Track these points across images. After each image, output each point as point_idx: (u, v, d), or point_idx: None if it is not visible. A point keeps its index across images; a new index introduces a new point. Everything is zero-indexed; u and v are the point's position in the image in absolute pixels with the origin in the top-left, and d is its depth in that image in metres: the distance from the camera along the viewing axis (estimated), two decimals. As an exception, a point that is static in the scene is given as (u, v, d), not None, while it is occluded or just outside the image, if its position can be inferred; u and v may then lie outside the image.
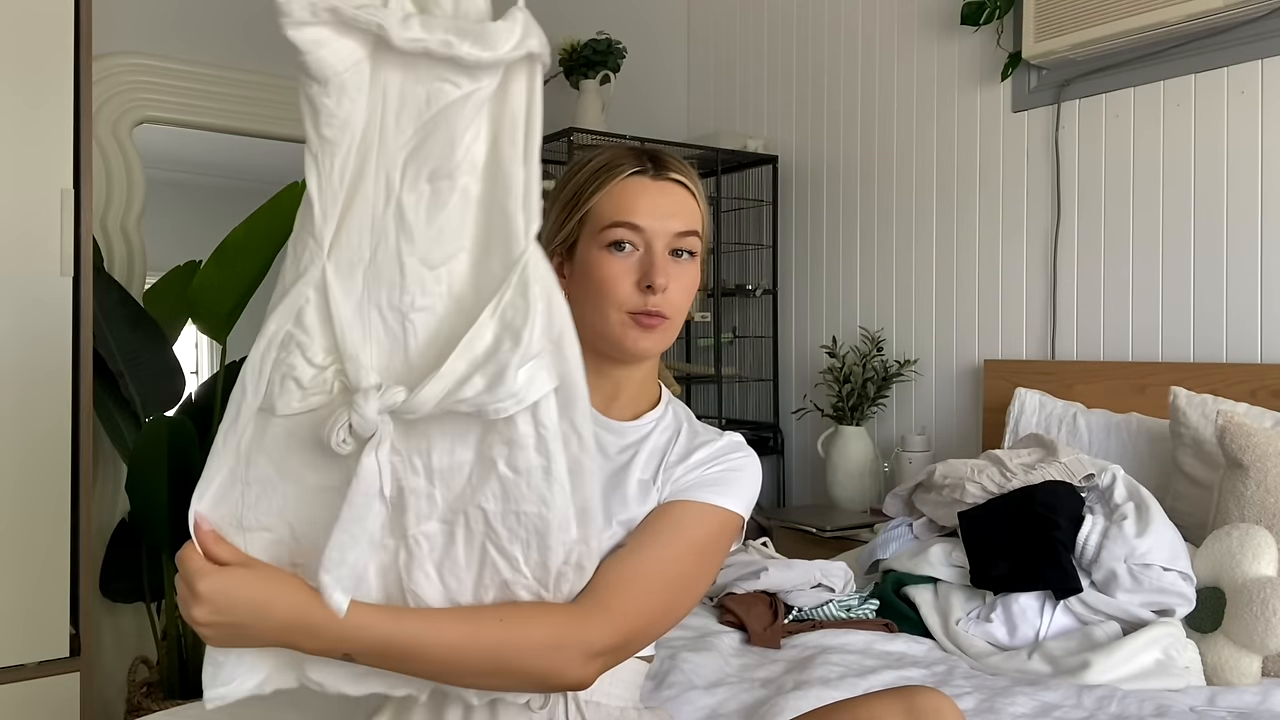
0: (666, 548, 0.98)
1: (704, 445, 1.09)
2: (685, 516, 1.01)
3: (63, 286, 1.92)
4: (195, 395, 2.50)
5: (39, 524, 1.89)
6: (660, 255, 1.05)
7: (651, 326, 1.05)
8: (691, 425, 1.13)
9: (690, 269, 1.08)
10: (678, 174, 1.09)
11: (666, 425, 1.12)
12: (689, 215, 1.08)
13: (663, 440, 1.10)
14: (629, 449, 1.09)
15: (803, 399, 3.12)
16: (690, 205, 1.09)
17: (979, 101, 2.65)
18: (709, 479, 1.05)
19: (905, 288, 2.85)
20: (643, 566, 0.96)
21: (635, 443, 1.09)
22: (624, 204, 1.06)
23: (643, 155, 1.09)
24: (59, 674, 1.91)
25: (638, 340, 1.05)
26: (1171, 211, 2.26)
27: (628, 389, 1.11)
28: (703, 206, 1.10)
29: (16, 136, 1.86)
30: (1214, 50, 2.16)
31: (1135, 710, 1.41)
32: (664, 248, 1.06)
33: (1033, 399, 2.32)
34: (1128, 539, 1.67)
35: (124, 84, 2.51)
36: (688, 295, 1.08)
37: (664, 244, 1.06)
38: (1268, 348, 2.11)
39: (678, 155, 1.13)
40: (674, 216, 1.06)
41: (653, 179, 1.07)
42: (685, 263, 1.08)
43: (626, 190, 1.06)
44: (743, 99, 3.36)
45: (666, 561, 0.97)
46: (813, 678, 1.51)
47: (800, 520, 2.68)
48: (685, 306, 1.08)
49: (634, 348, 1.05)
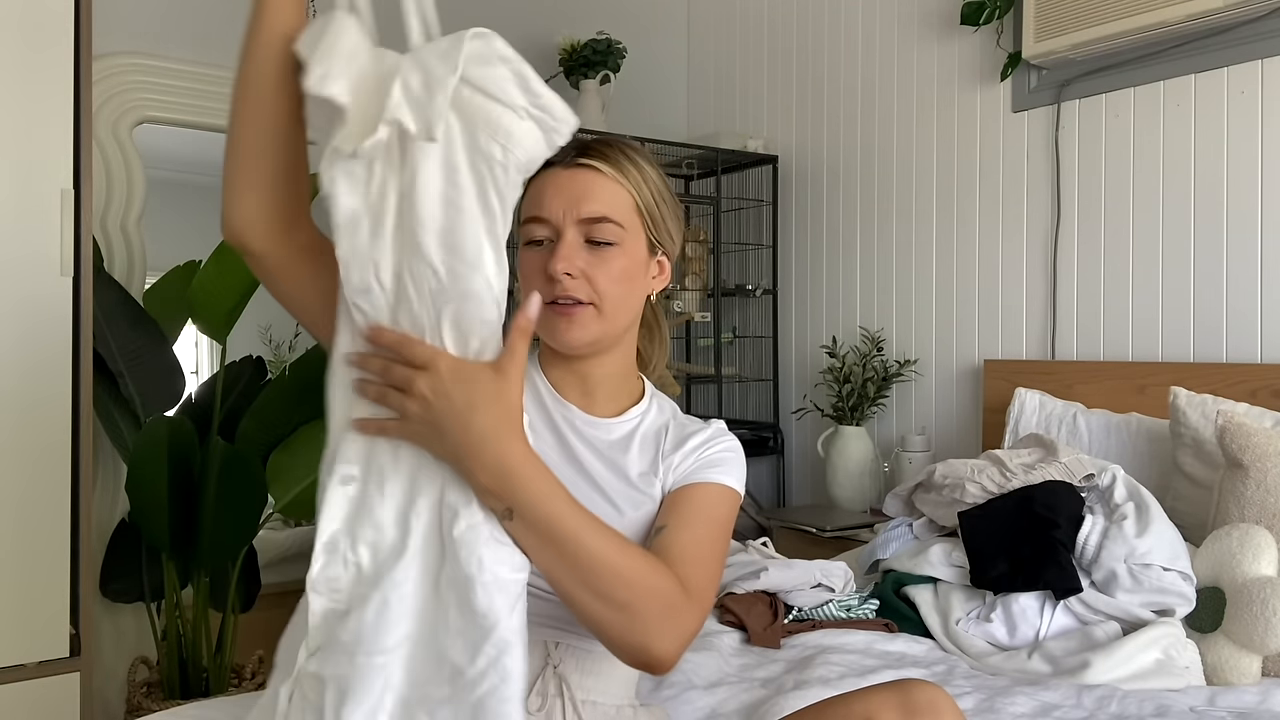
0: (704, 526, 1.01)
1: (695, 434, 1.10)
2: (706, 498, 1.04)
3: (63, 286, 1.92)
4: (195, 395, 2.50)
5: (39, 524, 1.89)
6: (567, 243, 1.02)
7: (568, 315, 1.02)
8: (678, 417, 1.14)
9: (613, 256, 1.04)
10: (590, 157, 1.05)
11: (653, 418, 1.12)
12: (600, 199, 1.03)
13: (653, 432, 1.10)
14: (619, 444, 1.09)
15: (803, 399, 3.12)
16: (603, 188, 1.04)
17: (979, 101, 2.65)
18: (710, 460, 1.07)
19: (905, 288, 2.85)
20: (697, 546, 0.98)
21: (624, 437, 1.10)
22: (534, 198, 1.05)
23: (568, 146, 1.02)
24: (59, 674, 1.91)
25: (563, 331, 1.03)
26: (1171, 211, 2.26)
27: (604, 385, 1.10)
28: (631, 189, 1.05)
29: (16, 136, 1.86)
30: (1214, 50, 2.16)
31: (1135, 710, 1.41)
32: (575, 236, 1.02)
33: (1033, 399, 2.32)
34: (1128, 539, 1.67)
35: (124, 84, 2.51)
36: (614, 281, 1.03)
37: (573, 232, 1.03)
38: (1268, 348, 2.11)
39: (624, 141, 1.10)
40: (580, 201, 1.03)
41: (564, 167, 1.05)
42: (606, 251, 1.03)
43: (539, 184, 1.05)
44: (743, 99, 3.36)
45: (707, 541, 1.00)
46: (813, 677, 1.51)
47: (800, 520, 2.68)
48: (616, 293, 1.04)
49: (560, 339, 1.04)
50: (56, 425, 1.91)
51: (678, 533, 0.99)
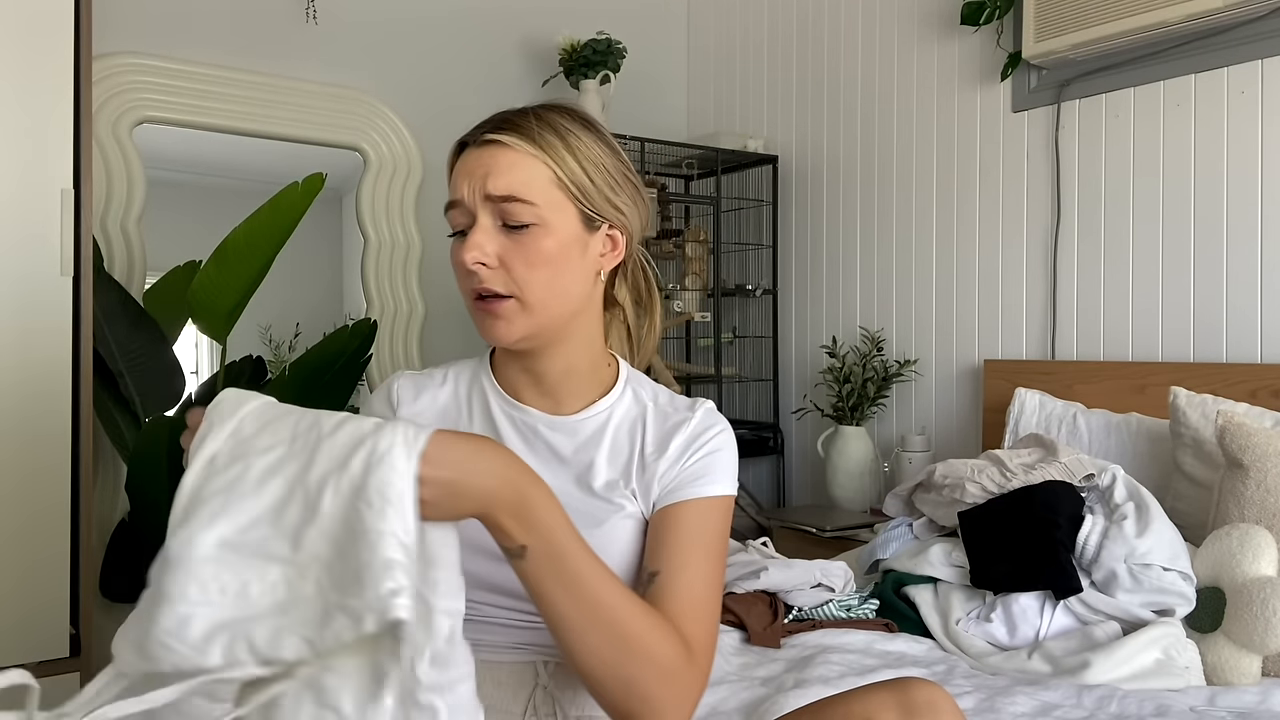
0: (702, 559, 0.95)
1: (679, 429, 1.01)
2: (698, 519, 0.97)
3: (63, 286, 1.92)
4: (195, 395, 2.50)
5: (39, 524, 1.89)
6: (478, 229, 0.93)
7: (491, 310, 0.94)
8: (659, 406, 1.04)
9: (530, 239, 0.93)
10: (499, 131, 0.95)
11: (626, 408, 1.04)
12: (506, 175, 0.93)
13: (627, 426, 1.02)
14: (587, 445, 1.01)
15: (803, 399, 3.12)
16: (512, 164, 0.94)
17: (979, 101, 2.65)
18: (698, 470, 0.99)
19: (905, 288, 2.85)
20: (697, 590, 0.92)
21: (593, 436, 1.01)
22: (451, 183, 0.97)
23: (483, 122, 0.97)
24: (59, 674, 1.90)
25: (489, 329, 0.95)
26: (1171, 211, 2.26)
27: (566, 382, 1.02)
28: (549, 160, 0.94)
29: (16, 136, 1.86)
30: (1214, 50, 2.16)
31: (1135, 710, 1.41)
32: (488, 221, 0.94)
33: (1033, 399, 2.32)
34: (1128, 539, 1.67)
35: (124, 84, 2.51)
36: (534, 267, 0.93)
37: (486, 217, 0.94)
38: (1268, 348, 2.11)
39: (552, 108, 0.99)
40: (483, 180, 0.93)
41: (475, 146, 0.96)
42: (523, 234, 0.93)
43: (455, 167, 0.97)
44: (743, 99, 3.36)
45: (707, 579, 0.94)
46: (813, 676, 1.51)
47: (800, 520, 2.68)
48: (539, 280, 0.94)
49: (488, 336, 0.96)
50: (56, 425, 1.91)
51: (675, 577, 0.92)
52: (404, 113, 2.90)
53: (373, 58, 2.88)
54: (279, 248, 2.18)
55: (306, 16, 2.77)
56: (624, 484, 1.00)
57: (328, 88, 2.78)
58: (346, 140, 2.82)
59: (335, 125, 2.79)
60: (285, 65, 2.74)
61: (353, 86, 2.83)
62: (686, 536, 0.96)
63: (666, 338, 3.32)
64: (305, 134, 2.75)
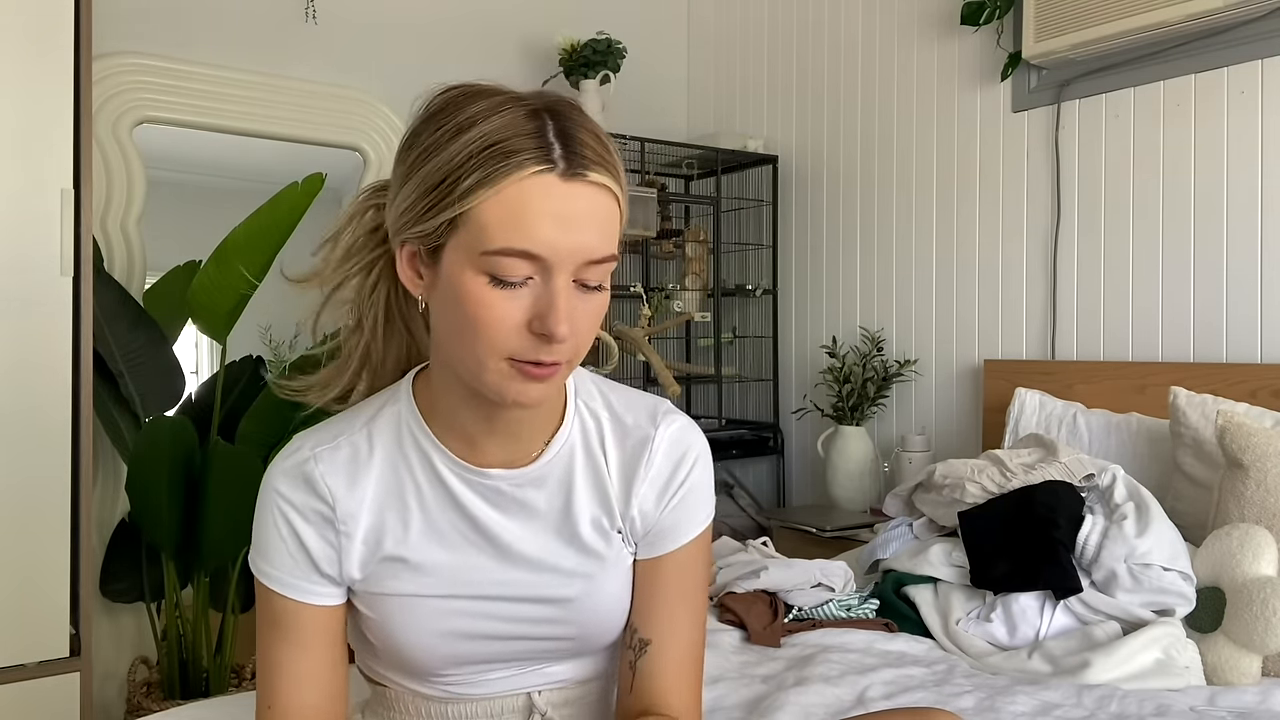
0: (689, 619, 0.93)
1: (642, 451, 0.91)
2: (678, 572, 0.93)
3: (63, 286, 1.92)
4: (195, 395, 2.50)
5: (39, 524, 1.89)
6: (563, 291, 0.76)
7: (544, 377, 0.79)
8: (614, 415, 0.93)
9: (599, 299, 0.80)
10: (598, 170, 0.77)
11: (582, 426, 0.92)
12: (607, 233, 0.78)
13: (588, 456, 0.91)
14: (557, 492, 0.90)
15: (803, 399, 3.12)
16: (611, 216, 0.79)
17: (979, 101, 2.65)
18: (677, 518, 0.92)
19: (905, 288, 2.85)
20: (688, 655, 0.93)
21: (560, 480, 0.90)
22: (521, 220, 0.75)
23: (546, 131, 0.76)
24: (59, 674, 1.90)
25: (523, 392, 0.79)
26: (1171, 211, 2.26)
27: (536, 417, 0.89)
28: (624, 205, 0.81)
29: (16, 136, 1.86)
30: (1214, 50, 2.16)
31: (1135, 710, 1.41)
32: (569, 278, 0.77)
33: (1033, 399, 2.32)
34: (1128, 539, 1.67)
35: (124, 84, 2.50)
36: (593, 327, 0.81)
37: (570, 274, 0.77)
38: (1268, 348, 2.11)
39: (595, 128, 0.80)
40: (589, 237, 0.77)
41: (563, 178, 0.76)
42: (596, 293, 0.80)
43: (525, 197, 0.75)
44: (743, 99, 3.36)
45: (691, 634, 0.93)
46: (813, 675, 1.51)
47: (800, 520, 2.68)
48: (590, 340, 0.82)
49: (519, 399, 0.80)
50: (56, 425, 1.91)
51: (667, 645, 0.90)
52: (404, 113, 2.89)
53: (373, 58, 2.88)
54: (279, 248, 2.17)
55: (306, 16, 2.77)
56: (608, 521, 0.91)
57: (328, 88, 2.78)
58: (346, 140, 2.82)
59: (335, 125, 2.79)
60: (285, 65, 2.74)
61: (353, 86, 2.83)
62: (675, 593, 0.93)
63: (667, 338, 3.32)
64: (305, 134, 2.75)
